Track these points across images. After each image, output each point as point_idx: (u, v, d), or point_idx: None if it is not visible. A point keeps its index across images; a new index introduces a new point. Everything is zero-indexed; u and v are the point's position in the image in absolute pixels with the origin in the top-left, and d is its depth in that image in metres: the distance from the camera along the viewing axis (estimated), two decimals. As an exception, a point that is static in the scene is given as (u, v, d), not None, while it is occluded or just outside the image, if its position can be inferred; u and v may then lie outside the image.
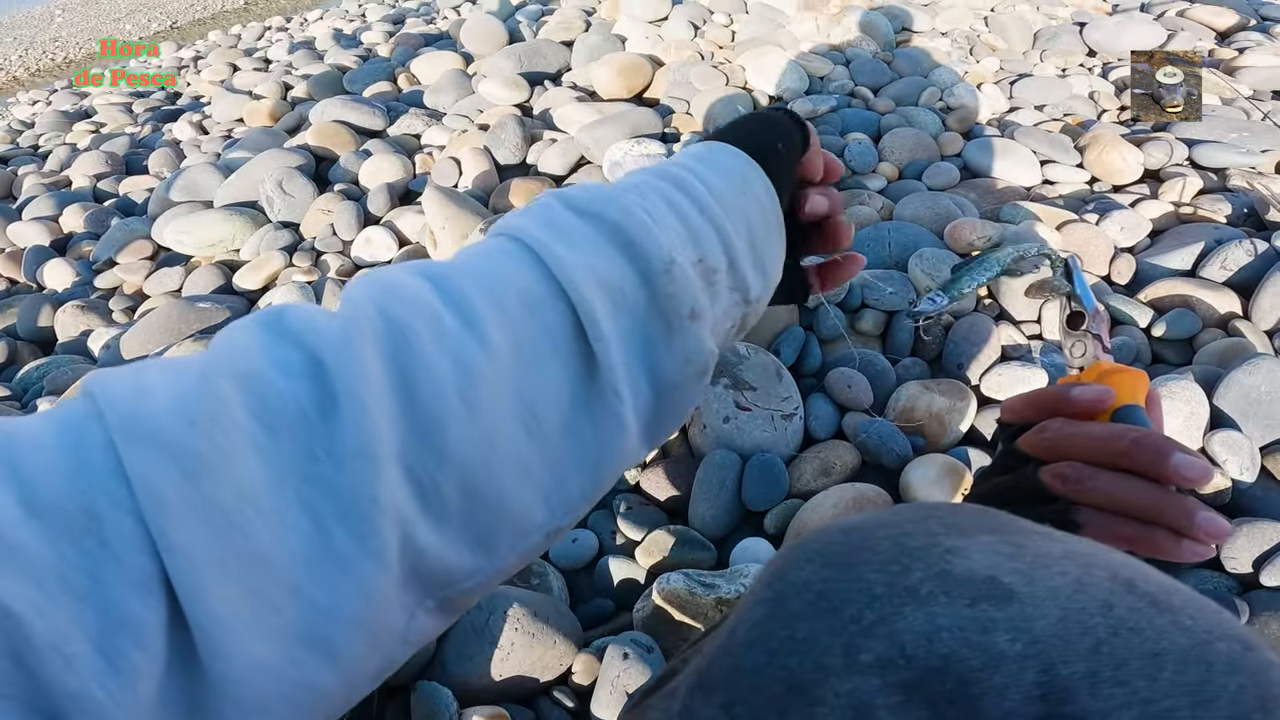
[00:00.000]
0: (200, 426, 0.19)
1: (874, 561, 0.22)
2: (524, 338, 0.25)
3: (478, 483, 0.23)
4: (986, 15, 1.90)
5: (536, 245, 0.27)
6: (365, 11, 3.10)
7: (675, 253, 0.28)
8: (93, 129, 2.17)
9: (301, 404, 0.21)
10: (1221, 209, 1.07)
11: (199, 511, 0.18)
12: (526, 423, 0.25)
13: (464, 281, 0.25)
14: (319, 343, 0.22)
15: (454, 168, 1.30)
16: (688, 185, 0.31)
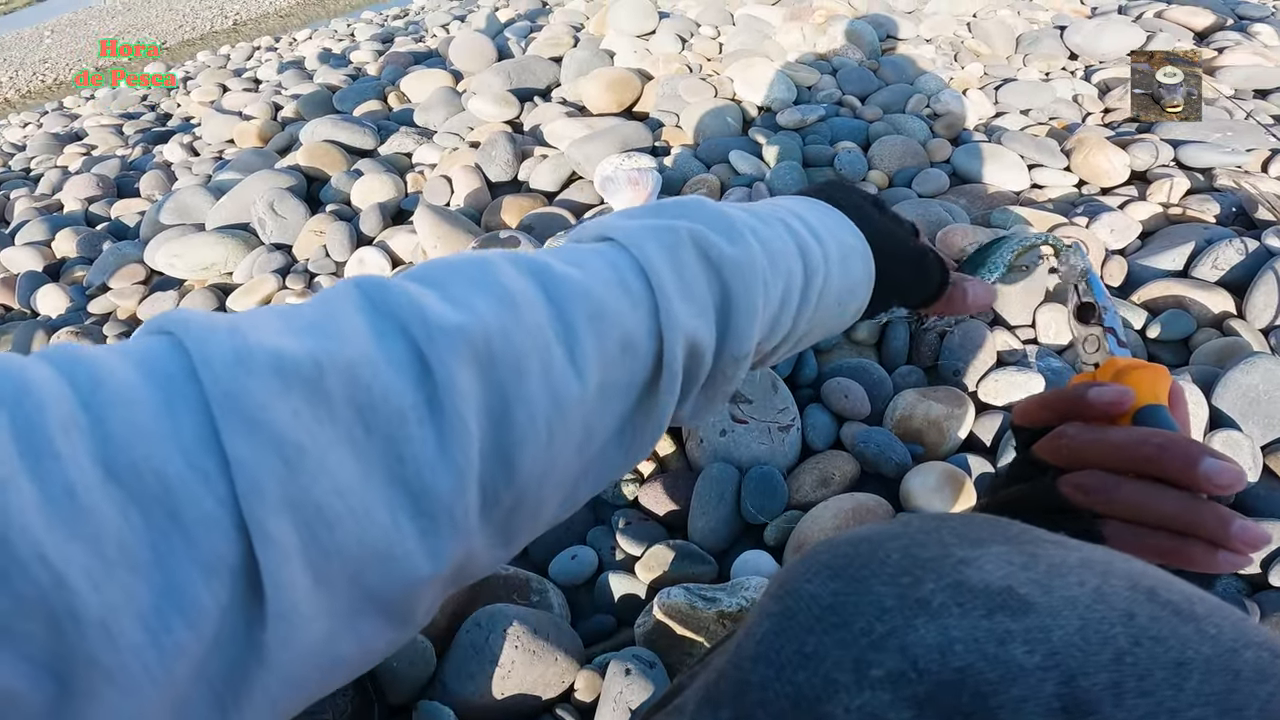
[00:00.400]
0: (303, 418, 0.19)
1: (884, 573, 0.22)
2: (612, 379, 0.25)
3: (528, 498, 0.24)
4: (969, 21, 1.92)
5: (658, 290, 0.26)
6: (354, 31, 3.12)
7: (753, 344, 0.29)
8: (84, 151, 2.17)
9: (403, 406, 0.20)
10: (1210, 209, 1.08)
11: (296, 506, 0.18)
12: (582, 448, 0.25)
13: (579, 313, 0.24)
14: (428, 341, 0.21)
15: (446, 186, 1.30)
16: (813, 276, 0.31)
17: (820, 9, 1.81)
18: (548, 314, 0.24)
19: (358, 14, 3.66)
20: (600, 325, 0.25)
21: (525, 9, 2.56)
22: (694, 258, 0.27)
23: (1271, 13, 2.05)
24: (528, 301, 0.24)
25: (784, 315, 0.30)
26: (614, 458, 0.27)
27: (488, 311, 0.23)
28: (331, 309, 0.22)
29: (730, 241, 0.28)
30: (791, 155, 1.23)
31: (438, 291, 0.23)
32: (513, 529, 0.24)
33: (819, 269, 0.31)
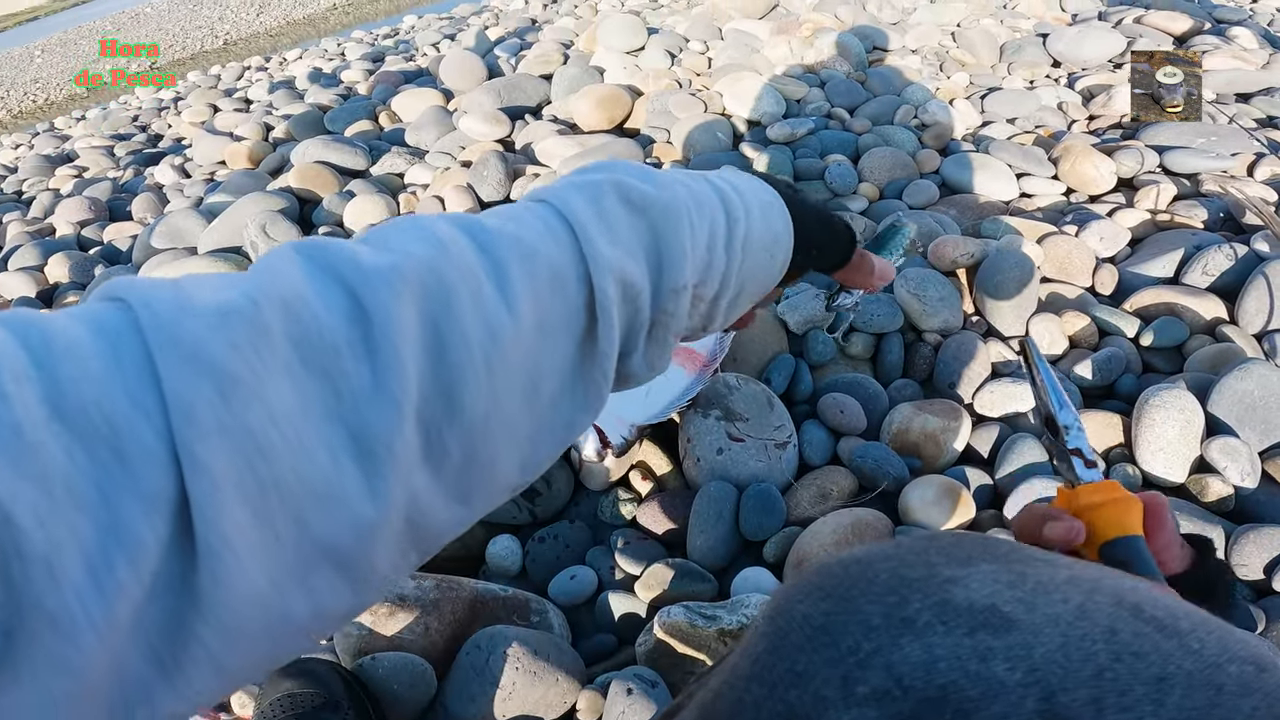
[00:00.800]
0: (241, 350, 0.19)
1: (871, 593, 0.22)
2: (547, 314, 0.26)
3: (476, 443, 0.24)
4: (953, 31, 1.94)
5: (579, 231, 0.27)
6: (344, 50, 3.13)
7: (690, 279, 0.30)
8: (75, 173, 2.17)
9: (338, 342, 0.21)
10: (1198, 214, 1.09)
11: (229, 432, 0.18)
12: (528, 392, 0.26)
13: (507, 251, 0.25)
14: (362, 283, 0.22)
15: (438, 207, 1.30)
16: (737, 228, 0.33)
17: (807, 22, 1.82)
18: (476, 254, 0.25)
19: (348, 33, 3.67)
20: (528, 264, 0.26)
21: (515, 27, 2.57)
22: (616, 202, 0.29)
23: (1249, 15, 2.08)
24: (456, 245, 0.25)
25: (714, 258, 0.32)
26: (567, 411, 0.28)
27: (418, 251, 0.23)
28: (269, 262, 0.22)
29: (654, 186, 0.30)
30: (782, 169, 1.23)
31: (372, 243, 0.24)
32: (468, 484, 0.25)
33: (740, 217, 0.33)
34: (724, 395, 0.78)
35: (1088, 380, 0.85)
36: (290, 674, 0.60)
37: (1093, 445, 0.41)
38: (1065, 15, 2.15)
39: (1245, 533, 0.65)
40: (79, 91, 5.68)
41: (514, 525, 0.79)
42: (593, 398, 0.29)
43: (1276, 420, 0.75)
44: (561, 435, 0.28)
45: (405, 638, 0.63)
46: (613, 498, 0.80)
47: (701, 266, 0.31)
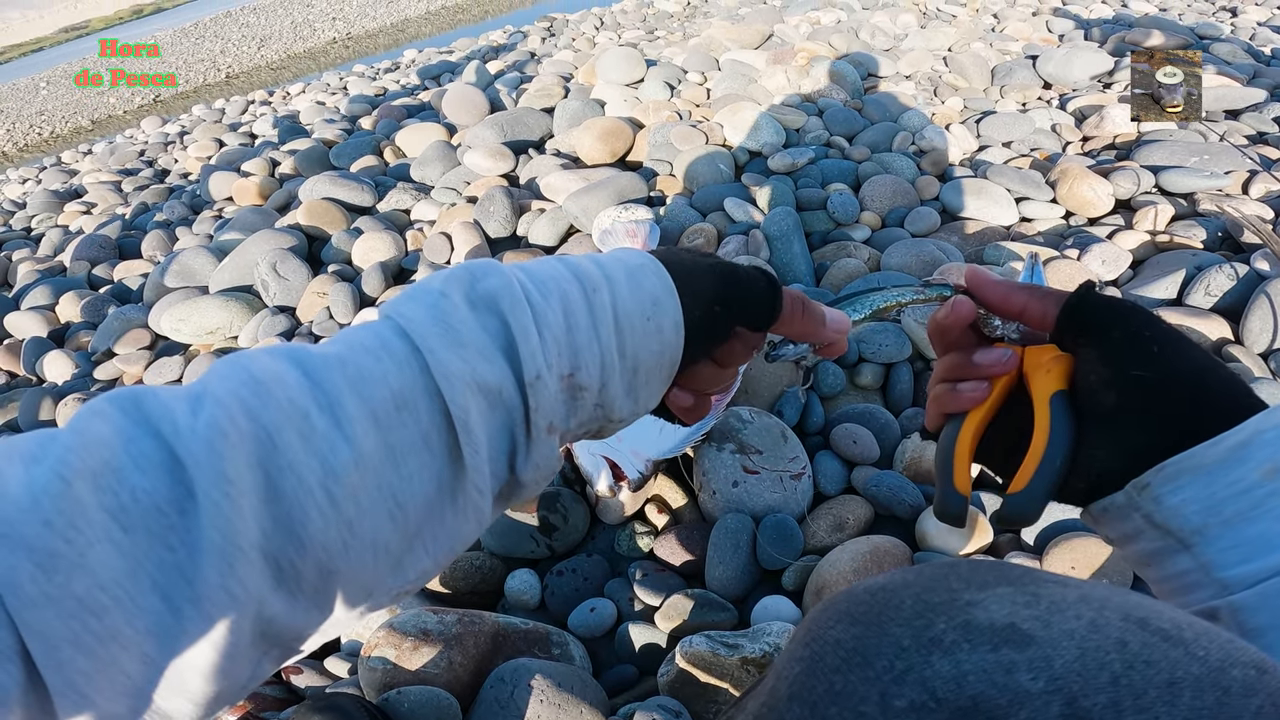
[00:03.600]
0: (55, 526, 0.20)
1: (900, 617, 0.24)
2: (394, 438, 0.26)
3: (336, 563, 0.25)
4: (945, 55, 1.97)
5: (421, 344, 0.27)
6: (346, 84, 3.17)
7: (544, 367, 0.29)
8: (84, 209, 2.19)
9: (157, 500, 0.22)
10: (1196, 234, 1.10)
11: (55, 600, 0.20)
12: (391, 511, 0.26)
13: (338, 380, 0.26)
14: (177, 438, 0.23)
15: (445, 243, 1.31)
16: (596, 298, 0.31)
17: (802, 51, 1.86)
18: (301, 387, 0.25)
19: (349, 66, 3.73)
20: (363, 386, 0.26)
21: (513, 60, 2.62)
22: (459, 302, 0.28)
23: (1231, 29, 2.12)
24: (278, 380, 0.25)
25: (577, 337, 0.30)
26: (449, 524, 0.28)
27: (232, 399, 0.24)
28: (82, 426, 0.23)
29: (486, 275, 0.29)
30: (784, 200, 1.25)
31: (190, 392, 0.25)
32: (330, 597, 0.25)
33: (600, 285, 0.31)
34: (737, 429, 0.79)
35: (1096, 404, 0.86)
36: (317, 709, 0.60)
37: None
38: (1052, 36, 2.19)
39: None
40: (84, 125, 5.74)
41: (532, 559, 0.79)
42: (473, 510, 0.28)
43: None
44: (447, 546, 0.28)
45: (429, 671, 0.63)
46: (629, 531, 0.80)
47: (566, 350, 0.30)
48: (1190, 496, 0.28)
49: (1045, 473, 0.30)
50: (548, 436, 0.30)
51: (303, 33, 7.67)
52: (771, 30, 2.20)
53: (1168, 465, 0.28)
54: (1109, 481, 0.30)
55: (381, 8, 8.31)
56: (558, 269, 0.31)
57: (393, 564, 0.27)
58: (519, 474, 0.30)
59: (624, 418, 0.33)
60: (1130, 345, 0.31)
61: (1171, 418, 0.29)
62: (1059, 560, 0.68)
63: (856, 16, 2.34)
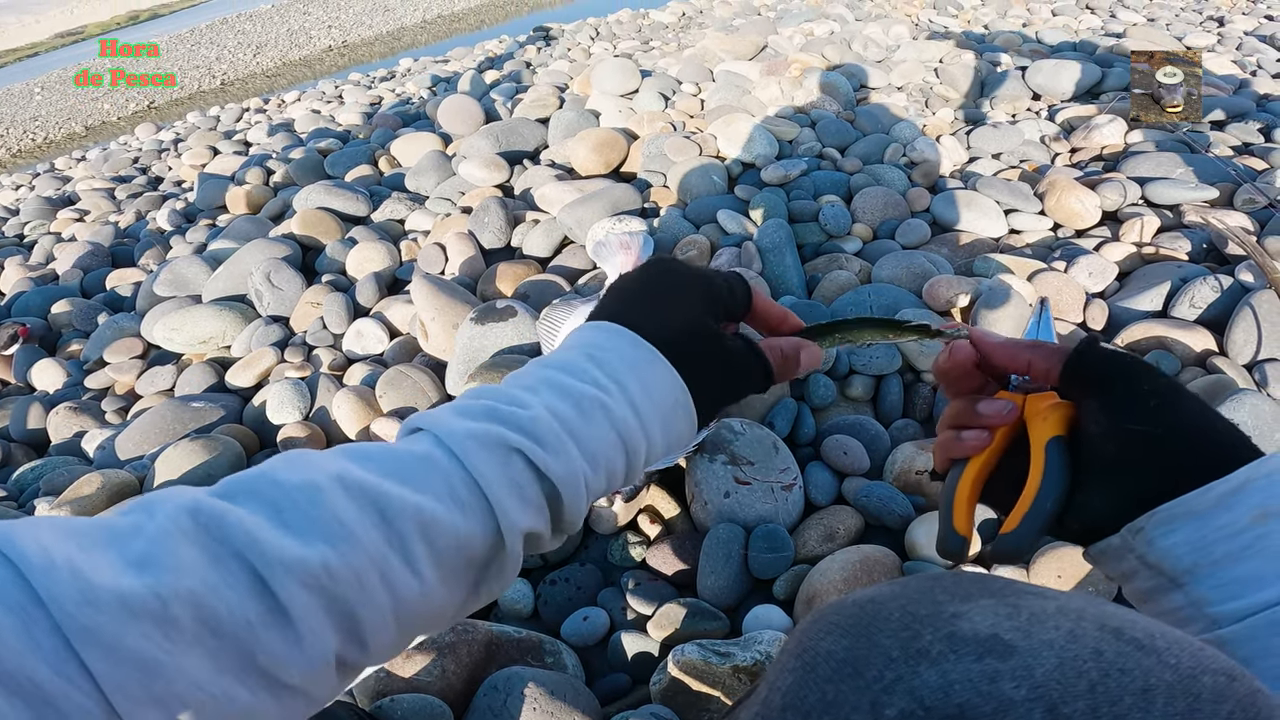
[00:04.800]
0: (154, 640, 0.23)
1: (887, 629, 0.26)
2: (451, 570, 0.30)
3: (383, 656, 0.29)
4: (936, 67, 1.99)
5: (495, 504, 0.30)
6: (342, 93, 3.18)
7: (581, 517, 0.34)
8: (76, 216, 2.18)
9: (247, 616, 0.25)
10: (1182, 246, 1.11)
11: (161, 701, 0.22)
12: (429, 622, 0.31)
13: (410, 527, 0.29)
14: (265, 567, 0.25)
15: (440, 254, 1.31)
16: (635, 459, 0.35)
17: (795, 62, 1.88)
18: (382, 535, 0.28)
19: (344, 74, 3.74)
20: (432, 533, 0.29)
21: (509, 70, 2.63)
22: (522, 468, 0.31)
23: (1218, 39, 2.15)
24: (363, 528, 0.28)
25: (612, 485, 0.35)
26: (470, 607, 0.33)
27: (324, 545, 0.27)
28: (164, 544, 0.25)
29: (554, 455, 0.32)
30: (777, 212, 1.26)
31: (270, 516, 0.27)
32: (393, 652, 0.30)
33: (640, 448, 0.35)
34: (729, 440, 0.80)
35: (1083, 415, 0.87)
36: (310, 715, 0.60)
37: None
38: (1042, 47, 2.22)
39: None
40: (78, 130, 5.72)
41: (525, 568, 0.80)
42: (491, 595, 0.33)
43: (1270, 448, 0.77)
44: (489, 597, 0.33)
45: (423, 679, 0.63)
46: (622, 541, 0.81)
47: (602, 487, 0.34)
48: (1182, 539, 0.29)
49: (1035, 515, 0.32)
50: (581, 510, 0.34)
51: (299, 40, 7.68)
52: (765, 42, 2.22)
53: (1161, 510, 0.30)
54: (1106, 524, 0.32)
55: (378, 16, 8.34)
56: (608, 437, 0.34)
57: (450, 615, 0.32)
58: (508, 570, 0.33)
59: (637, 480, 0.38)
60: (1130, 399, 0.32)
61: (1168, 469, 0.31)
62: (1046, 570, 0.69)
63: (850, 28, 2.36)
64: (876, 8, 2.80)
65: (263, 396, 1.09)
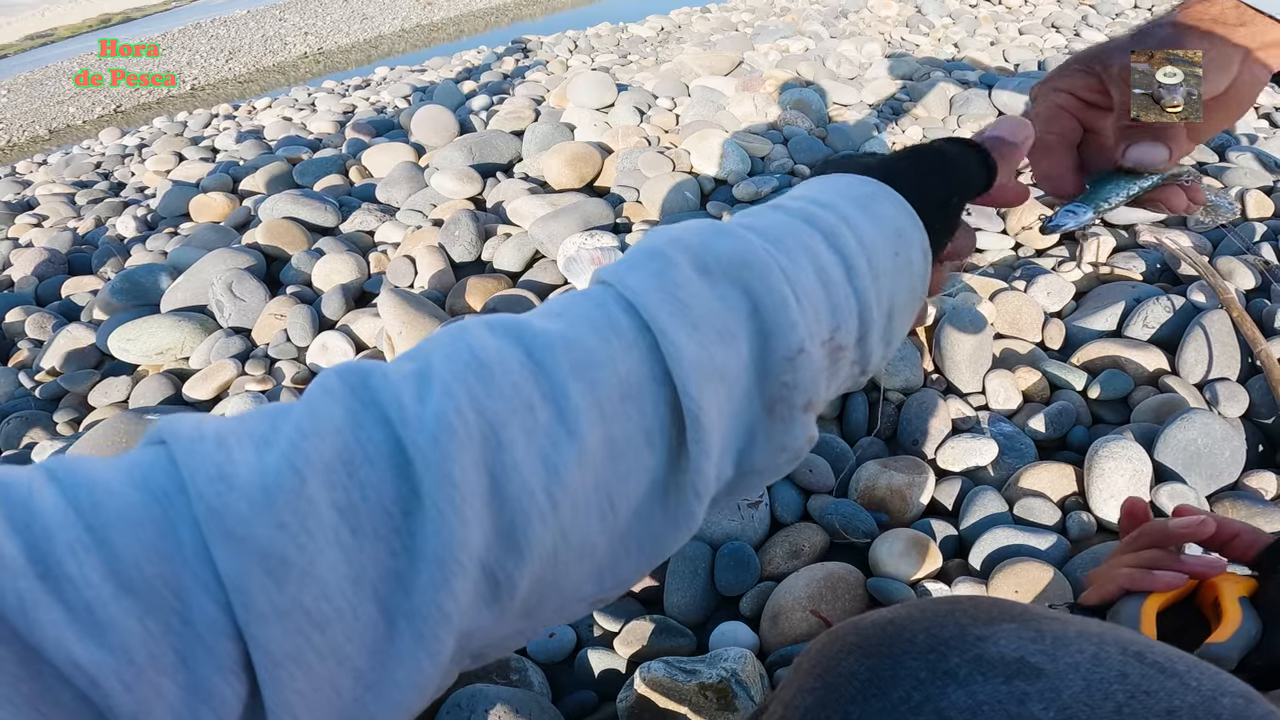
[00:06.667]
0: (289, 529, 0.19)
1: (913, 651, 0.26)
2: (618, 432, 0.23)
3: (544, 573, 0.23)
4: (906, 84, 2.04)
5: (654, 325, 0.24)
6: (315, 100, 3.14)
7: (808, 338, 0.25)
8: (35, 221, 2.12)
9: (384, 500, 0.20)
10: (1137, 266, 1.15)
11: (284, 613, 0.19)
12: (603, 511, 0.24)
13: (563, 365, 0.23)
14: (405, 428, 0.21)
15: (409, 266, 1.30)
16: (841, 242, 0.27)
17: (770, 78, 1.90)
18: (525, 372, 0.23)
19: (319, 82, 3.70)
20: (588, 376, 0.23)
21: (486, 81, 2.63)
22: (691, 273, 0.25)
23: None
24: (502, 364, 0.23)
25: (834, 292, 0.26)
26: (656, 527, 0.25)
27: (459, 385, 0.22)
28: (314, 402, 0.22)
29: (720, 237, 0.26)
30: (747, 227, 1.27)
31: (415, 370, 0.23)
32: (533, 606, 0.24)
33: (839, 229, 0.27)
34: (696, 457, 0.80)
35: (1041, 433, 0.89)
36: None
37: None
38: (1009, 65, 2.28)
39: None
40: (41, 134, 5.59)
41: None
42: (684, 514, 0.25)
43: (1221, 465, 0.79)
44: (651, 553, 0.25)
45: (381, 704, 0.62)
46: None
47: (825, 312, 0.26)
48: None
49: (1243, 634, 0.37)
50: (804, 415, 0.26)
51: (273, 46, 7.59)
52: (742, 58, 2.25)
53: None
54: None
55: (355, 24, 8.28)
56: (787, 221, 0.27)
57: (596, 571, 0.24)
58: (757, 460, 0.26)
59: (877, 367, 0.30)
60: None
61: None
62: (1003, 584, 0.70)
63: (824, 45, 2.40)
64: (851, 25, 2.85)
65: (221, 409, 1.06)
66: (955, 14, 2.91)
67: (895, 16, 2.95)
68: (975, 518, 0.78)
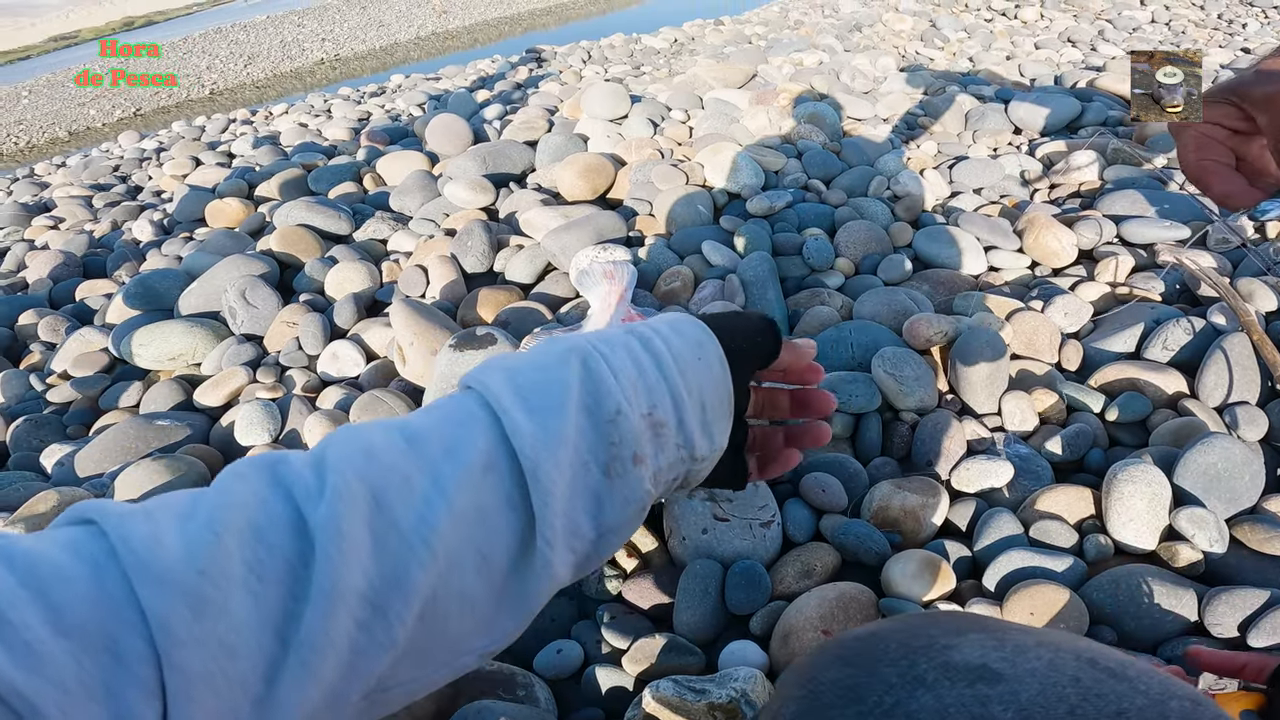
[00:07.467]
0: (208, 575, 0.24)
1: (886, 659, 0.28)
2: (485, 499, 0.29)
3: (429, 614, 0.28)
4: (921, 99, 2.03)
5: (500, 411, 0.31)
6: (331, 107, 3.17)
7: (625, 403, 0.32)
8: (51, 224, 2.14)
9: (287, 554, 0.25)
10: (1156, 286, 1.13)
11: (201, 642, 0.23)
12: (478, 565, 0.29)
13: (435, 448, 0.30)
14: (305, 504, 0.27)
15: (421, 276, 1.30)
16: (651, 344, 0.35)
17: (784, 92, 1.90)
18: (403, 454, 0.29)
19: (335, 88, 3.73)
20: (456, 453, 0.29)
21: (500, 90, 2.64)
22: (530, 373, 0.32)
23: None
24: (384, 449, 0.29)
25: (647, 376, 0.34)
26: (530, 578, 0.30)
27: (348, 465, 0.28)
28: (226, 484, 0.27)
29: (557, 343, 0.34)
30: (761, 244, 1.26)
31: (313, 458, 0.29)
32: (424, 647, 0.28)
33: (651, 336, 0.36)
34: (708, 476, 0.79)
35: (1058, 455, 0.87)
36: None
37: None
38: (1025, 79, 2.27)
39: (1218, 594, 0.67)
40: (61, 135, 5.66)
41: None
42: (542, 564, 0.30)
43: (1241, 489, 0.77)
44: (525, 607, 0.31)
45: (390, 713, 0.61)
46: (598, 574, 0.80)
47: (641, 389, 0.34)
48: None
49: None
50: (633, 467, 0.32)
51: (291, 52, 7.68)
52: (755, 70, 2.25)
53: None
54: None
55: (372, 31, 8.37)
56: (615, 332, 0.36)
57: (480, 623, 0.30)
58: (608, 516, 0.32)
59: (704, 455, 0.36)
60: None
61: None
62: (1019, 606, 0.69)
63: (838, 59, 2.40)
64: (865, 39, 2.85)
65: (231, 417, 1.06)
66: (970, 28, 2.91)
67: (910, 30, 2.96)
68: (990, 539, 0.77)
